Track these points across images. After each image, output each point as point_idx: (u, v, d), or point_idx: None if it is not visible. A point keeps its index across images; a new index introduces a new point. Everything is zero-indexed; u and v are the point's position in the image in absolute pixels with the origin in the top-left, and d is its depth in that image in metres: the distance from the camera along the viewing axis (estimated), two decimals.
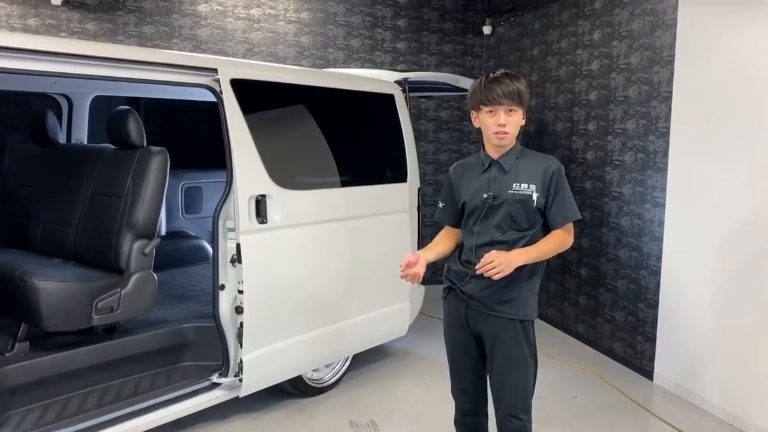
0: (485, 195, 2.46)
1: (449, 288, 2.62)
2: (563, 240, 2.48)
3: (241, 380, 3.36)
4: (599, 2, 4.97)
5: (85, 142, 4.61)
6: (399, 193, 4.28)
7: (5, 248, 3.84)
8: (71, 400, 3.11)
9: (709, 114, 3.91)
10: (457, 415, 2.71)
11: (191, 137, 5.02)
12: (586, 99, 5.14)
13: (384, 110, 4.33)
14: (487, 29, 6.77)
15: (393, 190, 4.26)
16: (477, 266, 2.33)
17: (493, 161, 2.50)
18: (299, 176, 3.67)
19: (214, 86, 3.26)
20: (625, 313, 4.70)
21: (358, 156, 4.22)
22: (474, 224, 2.50)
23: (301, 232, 3.58)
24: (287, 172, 3.53)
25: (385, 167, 4.37)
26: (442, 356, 2.77)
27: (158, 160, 3.47)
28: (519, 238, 2.44)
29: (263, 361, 3.42)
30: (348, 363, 4.26)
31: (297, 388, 3.91)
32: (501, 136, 2.42)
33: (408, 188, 4.35)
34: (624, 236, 4.71)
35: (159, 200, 3.49)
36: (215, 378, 3.39)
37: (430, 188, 6.79)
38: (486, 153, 2.53)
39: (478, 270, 2.31)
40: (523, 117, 2.47)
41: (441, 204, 2.70)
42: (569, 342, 5.27)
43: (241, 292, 3.26)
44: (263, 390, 3.61)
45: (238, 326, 3.31)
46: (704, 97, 3.95)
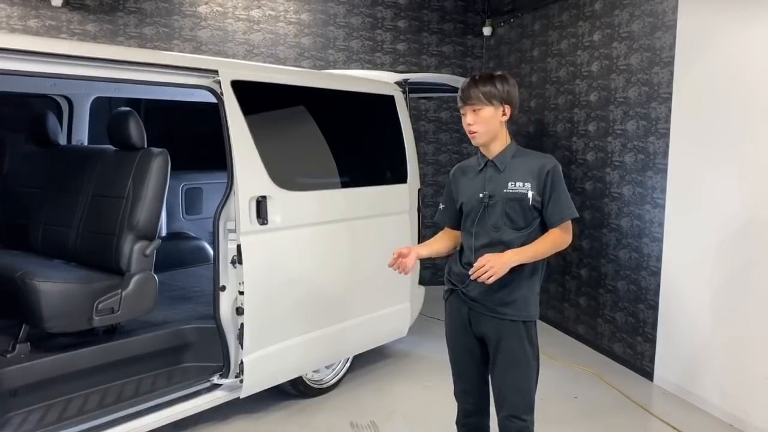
0: (481, 195, 2.48)
1: (451, 290, 2.63)
2: (561, 239, 2.48)
3: (242, 381, 3.36)
4: (599, 3, 4.98)
5: (86, 144, 4.61)
6: (399, 194, 4.29)
7: (6, 249, 3.84)
8: (72, 401, 3.11)
9: (709, 115, 3.92)
10: (459, 416, 2.72)
11: (192, 138, 5.02)
12: (586, 100, 5.14)
13: (384, 111, 4.34)
14: (487, 30, 6.78)
15: (393, 191, 4.26)
16: (470, 272, 2.33)
17: (489, 161, 2.51)
18: (300, 177, 3.68)
19: (215, 88, 3.26)
20: (625, 314, 4.70)
21: (359, 157, 4.22)
22: (472, 225, 2.51)
23: (302, 233, 3.58)
24: (288, 173, 3.53)
25: (386, 168, 4.37)
26: (442, 357, 2.77)
27: (159, 162, 3.47)
28: (517, 237, 2.44)
29: (264, 362, 3.42)
30: (348, 364, 4.27)
31: (297, 389, 3.91)
32: (471, 136, 2.45)
33: (408, 189, 4.35)
34: (624, 237, 4.71)
35: (160, 201, 3.50)
36: (216, 379, 3.39)
37: (430, 189, 6.79)
38: (482, 154, 2.55)
39: (472, 276, 2.32)
40: (504, 113, 2.44)
41: (441, 206, 2.72)
42: (569, 343, 5.28)
43: (242, 293, 3.27)
44: (264, 391, 3.61)
45: (239, 327, 3.31)
46: (704, 99, 3.96)
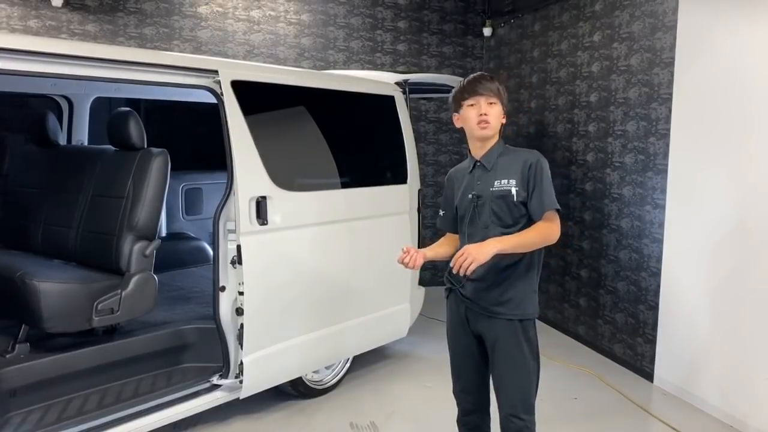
0: (470, 195, 2.51)
1: (449, 289, 2.65)
2: (547, 229, 2.41)
3: (242, 382, 3.36)
4: (599, 4, 4.98)
5: (86, 144, 4.61)
6: (399, 195, 4.29)
7: (6, 249, 3.84)
8: (72, 402, 3.11)
9: (710, 116, 3.91)
10: (459, 415, 2.72)
11: (191, 139, 5.02)
12: (587, 101, 5.14)
13: (384, 112, 4.33)
14: (488, 31, 6.78)
15: (393, 192, 4.26)
16: (451, 264, 2.30)
17: (477, 162, 2.54)
18: (300, 178, 3.67)
19: (215, 88, 3.26)
20: (625, 315, 4.70)
21: (359, 157, 4.22)
22: (465, 226, 2.54)
23: (302, 234, 3.58)
24: (288, 174, 3.53)
25: (386, 169, 4.37)
26: (442, 357, 2.77)
27: (159, 162, 3.47)
28: (506, 235, 2.42)
29: (264, 363, 3.42)
30: (348, 364, 4.26)
31: (297, 390, 3.91)
32: (484, 126, 2.46)
33: (408, 190, 4.35)
34: (624, 238, 4.71)
35: (160, 202, 3.49)
36: (216, 379, 3.39)
37: (430, 190, 6.79)
38: (471, 155, 2.58)
39: (454, 269, 2.28)
40: (504, 116, 2.52)
41: (441, 212, 2.74)
42: (569, 343, 5.27)
43: (242, 294, 3.26)
44: (264, 391, 3.61)
45: (239, 328, 3.31)
46: (705, 99, 3.95)
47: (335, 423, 3.73)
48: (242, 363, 3.32)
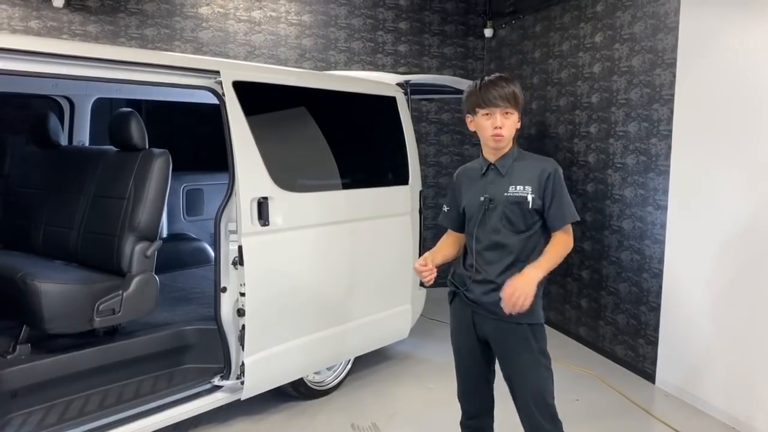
0: (482, 198, 2.49)
1: (454, 292, 2.62)
2: (567, 242, 2.48)
3: (243, 383, 3.35)
4: (601, 5, 4.98)
5: (87, 144, 4.61)
6: (400, 196, 4.28)
7: (7, 250, 3.84)
8: (73, 403, 3.11)
9: (711, 117, 3.91)
10: (463, 419, 2.72)
11: (193, 139, 5.02)
12: (588, 102, 5.14)
13: (385, 113, 4.33)
14: (489, 32, 6.77)
15: (394, 193, 4.26)
16: (502, 306, 2.30)
17: (491, 165, 2.51)
18: (301, 178, 3.67)
19: (217, 88, 3.25)
20: (627, 316, 4.69)
21: (360, 158, 4.22)
22: (473, 228, 2.51)
23: (303, 235, 3.58)
24: (289, 175, 3.53)
25: (387, 170, 4.37)
26: (444, 359, 2.77)
27: (160, 162, 3.47)
28: (517, 240, 2.44)
29: (265, 364, 3.41)
30: (349, 366, 4.26)
31: (299, 391, 3.91)
32: (497, 139, 2.43)
33: (409, 191, 4.34)
34: (626, 239, 4.70)
35: (161, 202, 3.49)
36: (217, 381, 3.39)
37: (432, 191, 6.79)
38: (484, 157, 2.55)
39: (506, 311, 2.29)
40: (519, 119, 2.49)
41: (446, 208, 2.72)
42: (571, 345, 5.26)
43: (243, 295, 3.26)
44: (265, 392, 3.60)
45: (240, 329, 3.30)
46: (706, 100, 3.95)
47: (336, 424, 3.72)
48: (243, 364, 3.32)
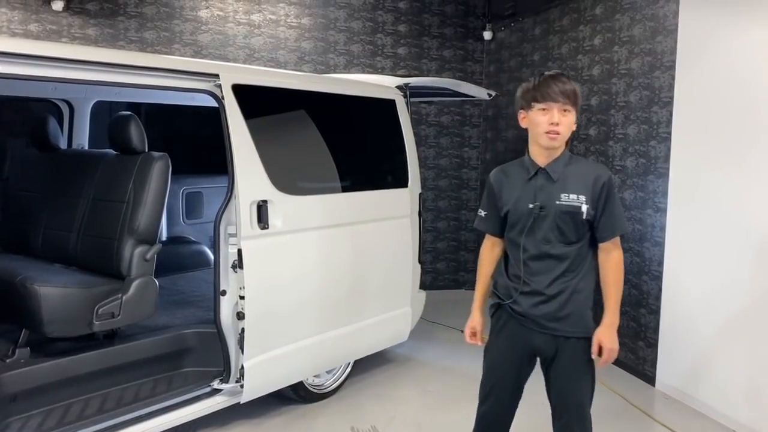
0: (531, 205, 2.33)
1: (498, 305, 2.49)
2: (619, 263, 2.38)
3: (243, 386, 3.35)
4: (600, 8, 4.98)
5: (87, 148, 4.61)
6: (400, 199, 4.28)
7: (6, 254, 3.84)
8: (72, 407, 3.10)
9: (711, 119, 3.91)
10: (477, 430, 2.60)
11: (192, 142, 5.02)
12: (587, 104, 5.14)
13: (385, 115, 4.33)
14: (488, 34, 6.79)
15: (394, 196, 4.26)
16: (599, 365, 2.32)
17: (540, 169, 2.35)
18: (301, 182, 3.67)
19: (216, 92, 3.25)
20: (627, 319, 4.69)
21: (360, 161, 4.22)
22: (519, 236, 2.37)
23: (303, 238, 3.58)
24: (289, 178, 3.53)
25: (386, 172, 4.37)
26: (444, 362, 2.76)
27: (160, 166, 3.46)
28: (568, 251, 2.33)
29: (264, 367, 3.41)
30: (349, 369, 4.25)
31: (298, 394, 3.90)
32: (552, 136, 2.27)
33: (409, 193, 4.35)
34: (625, 242, 4.70)
35: (160, 206, 3.49)
36: (216, 384, 3.38)
37: (431, 193, 6.79)
38: (531, 159, 2.38)
39: (601, 365, 2.31)
40: (575, 121, 2.34)
41: (483, 212, 2.54)
42: None
43: (243, 298, 3.26)
44: (264, 396, 3.60)
45: (240, 332, 3.30)
46: (705, 103, 3.95)
47: (336, 427, 3.72)
48: (243, 367, 3.31)
